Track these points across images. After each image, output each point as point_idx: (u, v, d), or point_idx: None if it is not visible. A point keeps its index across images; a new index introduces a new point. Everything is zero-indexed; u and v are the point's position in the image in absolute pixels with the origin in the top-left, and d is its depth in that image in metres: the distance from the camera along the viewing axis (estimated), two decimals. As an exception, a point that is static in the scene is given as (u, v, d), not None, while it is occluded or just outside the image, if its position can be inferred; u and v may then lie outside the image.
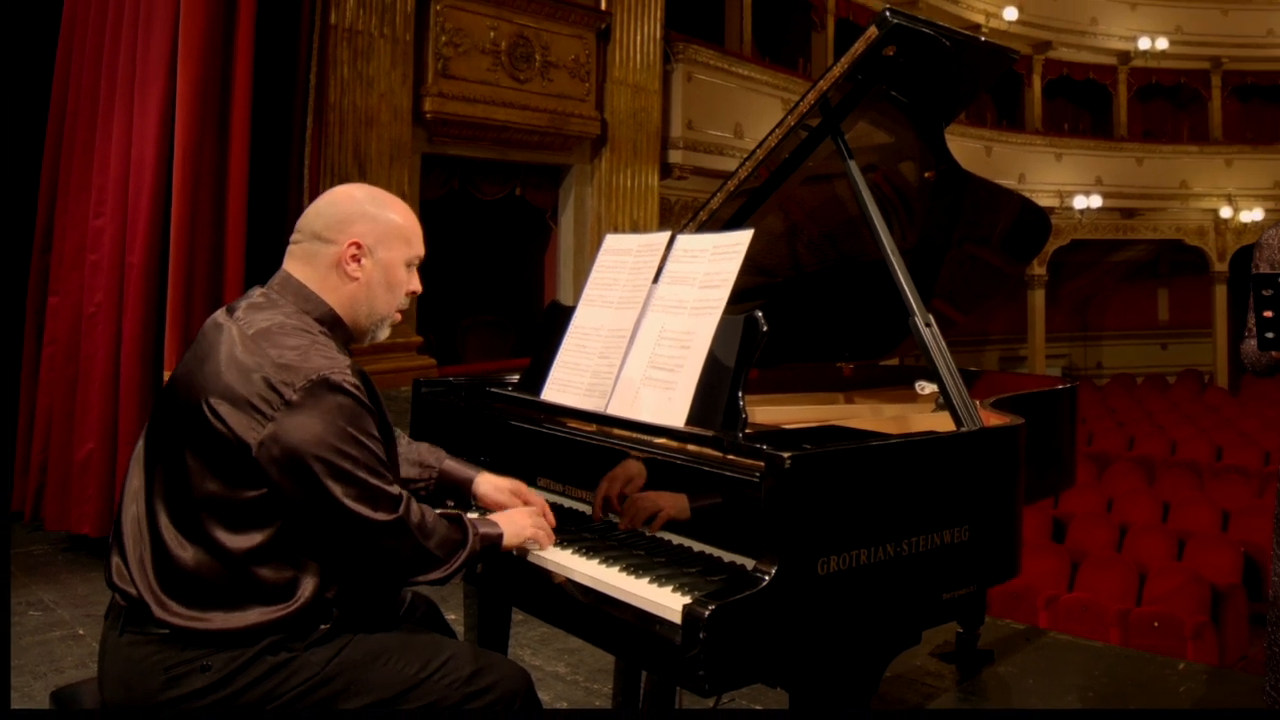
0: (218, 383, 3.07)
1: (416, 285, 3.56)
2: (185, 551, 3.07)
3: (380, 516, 3.05)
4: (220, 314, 3.34)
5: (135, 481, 3.27)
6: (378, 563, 3.17)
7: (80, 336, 8.73)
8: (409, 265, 3.50)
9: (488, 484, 3.90)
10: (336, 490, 3.00)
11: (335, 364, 3.12)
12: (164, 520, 3.11)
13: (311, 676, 3.09)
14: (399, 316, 3.58)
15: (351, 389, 3.10)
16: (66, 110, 9.28)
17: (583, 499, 3.93)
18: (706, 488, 3.41)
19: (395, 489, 3.13)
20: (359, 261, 3.36)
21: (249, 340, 3.14)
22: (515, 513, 3.62)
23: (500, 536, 3.44)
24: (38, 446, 9.03)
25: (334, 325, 3.35)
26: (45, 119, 9.51)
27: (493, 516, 3.55)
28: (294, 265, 3.39)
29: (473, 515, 3.52)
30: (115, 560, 3.20)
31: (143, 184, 8.42)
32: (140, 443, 3.34)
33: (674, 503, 3.53)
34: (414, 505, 3.18)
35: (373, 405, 3.21)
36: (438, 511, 3.33)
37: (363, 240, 3.36)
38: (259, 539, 3.06)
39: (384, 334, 3.59)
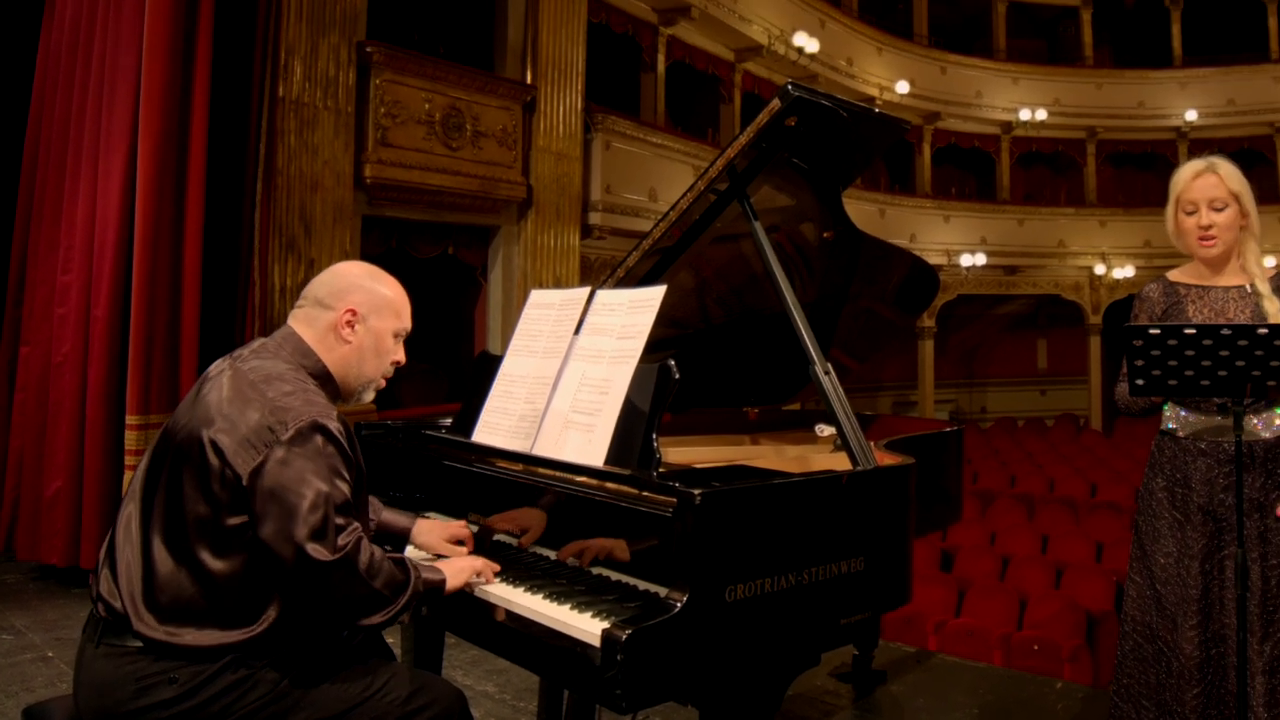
0: (218, 419, 3.16)
1: (401, 356, 3.68)
2: (171, 570, 3.13)
3: (330, 556, 3.08)
4: (224, 360, 3.46)
5: (131, 504, 3.33)
6: (327, 597, 3.17)
7: (49, 383, 8.86)
8: (397, 336, 3.64)
9: (425, 533, 3.95)
10: (303, 523, 3.05)
11: (325, 410, 3.23)
12: (157, 540, 3.18)
13: (266, 693, 3.14)
14: (383, 382, 3.69)
15: (336, 434, 3.20)
16: (37, 175, 9.39)
17: (510, 532, 3.94)
18: (623, 522, 3.43)
19: (351, 530, 3.17)
20: (353, 327, 3.50)
21: (249, 383, 3.24)
22: (457, 560, 3.66)
23: (443, 582, 3.47)
24: (10, 484, 9.09)
25: (325, 381, 3.46)
26: (17, 183, 9.60)
27: (437, 564, 3.58)
28: (297, 325, 3.52)
29: (418, 559, 3.55)
30: (105, 574, 3.25)
31: (106, 243, 8.55)
32: (141, 469, 3.38)
33: (594, 535, 3.55)
34: (364, 545, 3.20)
35: (351, 452, 3.29)
36: (390, 555, 3.36)
37: (358, 309, 3.50)
38: (236, 564, 3.12)
39: (369, 397, 3.73)
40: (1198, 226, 4.50)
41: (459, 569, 3.55)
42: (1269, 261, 4.68)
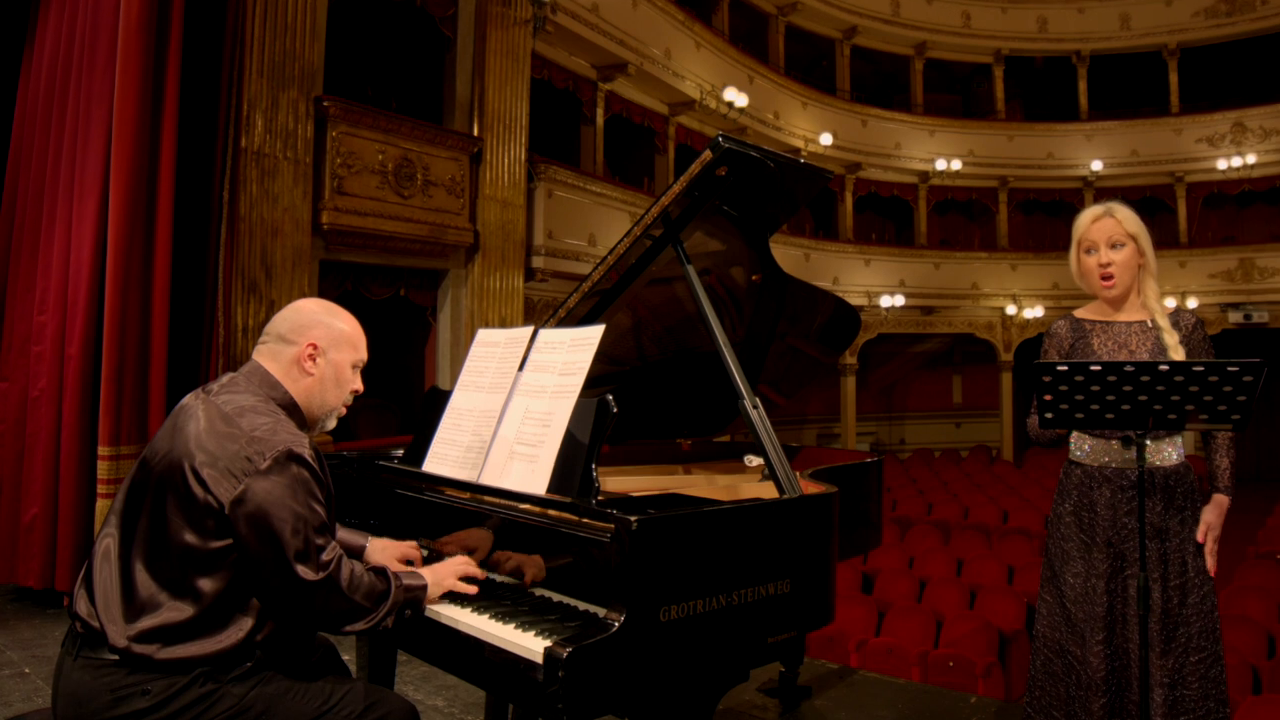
0: (198, 450, 3.19)
1: (359, 385, 3.72)
2: (153, 592, 3.16)
3: (316, 575, 3.16)
4: (196, 393, 3.48)
5: (110, 532, 3.34)
6: (311, 612, 3.25)
7: (26, 416, 8.93)
8: (354, 367, 3.69)
9: (379, 552, 3.97)
10: (287, 546, 3.11)
11: (298, 439, 3.27)
12: (139, 564, 3.20)
13: (232, 706, 3.16)
14: (344, 410, 3.73)
15: (310, 460, 3.25)
16: (14, 221, 9.46)
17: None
18: (565, 546, 3.46)
19: (331, 549, 3.24)
20: (314, 360, 3.55)
21: (225, 416, 3.28)
22: (439, 565, 3.68)
23: (424, 587, 3.53)
24: (-11, 511, 9.04)
25: (292, 410, 3.50)
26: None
27: (419, 570, 3.62)
28: (262, 359, 3.56)
29: (399, 569, 3.58)
30: (82, 597, 3.27)
31: (80, 286, 8.61)
32: (120, 498, 3.39)
33: (536, 559, 3.58)
34: (344, 563, 3.27)
35: (324, 476, 3.34)
36: (370, 567, 3.42)
37: (318, 342, 3.56)
38: (217, 585, 3.15)
39: (331, 424, 3.75)
40: (1098, 265, 4.59)
41: (439, 575, 3.61)
42: (1170, 303, 4.76)
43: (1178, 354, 4.48)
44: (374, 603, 3.33)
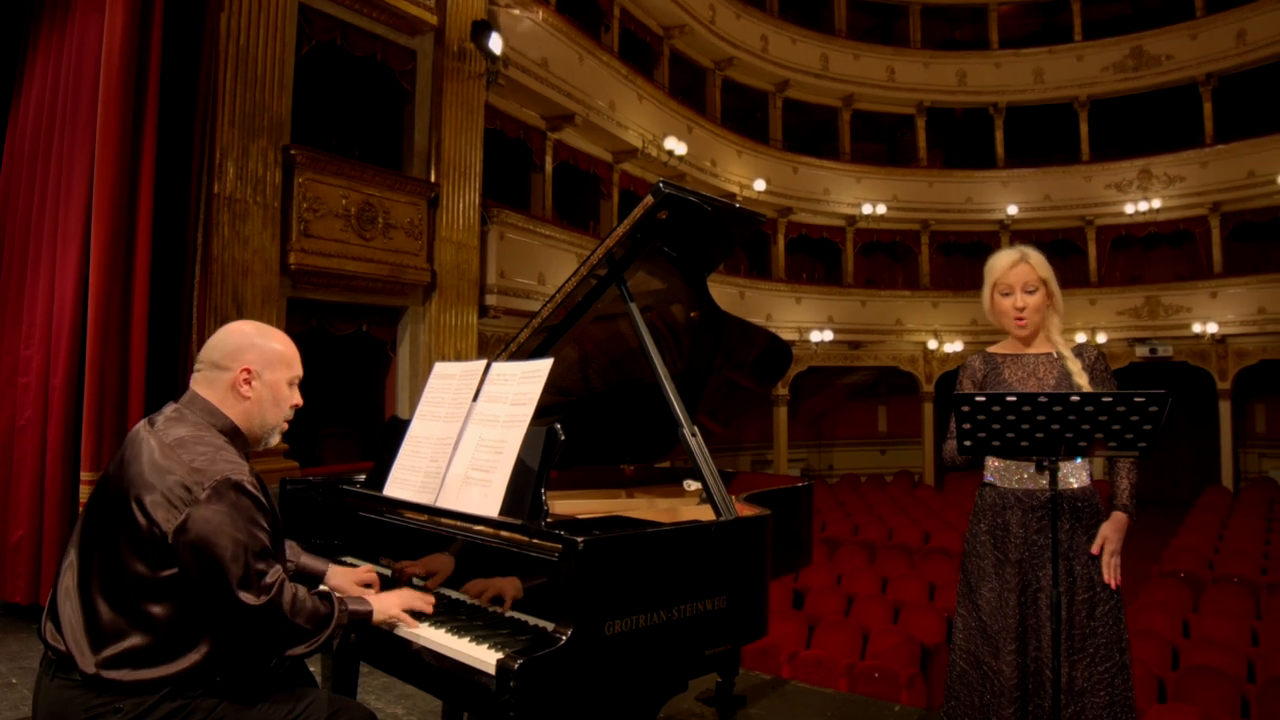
0: (142, 482, 3.15)
1: (298, 399, 3.66)
2: (111, 619, 3.12)
3: (258, 600, 3.12)
4: (143, 425, 3.41)
5: (71, 562, 3.31)
6: (254, 635, 3.20)
7: (13, 444, 8.92)
8: (291, 384, 3.61)
9: (338, 576, 3.94)
10: (229, 572, 3.07)
11: (237, 468, 3.21)
12: (97, 593, 3.16)
13: (203, 718, 3.14)
14: (286, 425, 3.67)
15: (250, 488, 3.20)
16: (1, 262, 9.46)
17: (417, 574, 3.95)
18: (516, 565, 3.47)
19: (273, 574, 3.20)
20: (250, 384, 3.47)
21: (167, 448, 3.22)
22: (389, 594, 3.65)
23: (370, 613, 3.49)
24: (-23, 532, 9.00)
25: (234, 435, 3.44)
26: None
27: (368, 595, 3.60)
28: (199, 387, 3.49)
29: (355, 594, 3.58)
30: (49, 623, 3.24)
31: (64, 322, 8.64)
32: (77, 528, 3.37)
33: (490, 577, 3.57)
34: (286, 587, 3.22)
35: (265, 501, 3.28)
36: (315, 591, 3.38)
37: (252, 366, 3.48)
38: (170, 611, 3.12)
39: (275, 440, 3.69)
40: (1013, 308, 4.68)
41: (386, 603, 3.55)
42: (1080, 338, 4.84)
43: (1082, 379, 4.59)
44: (316, 626, 3.28)
